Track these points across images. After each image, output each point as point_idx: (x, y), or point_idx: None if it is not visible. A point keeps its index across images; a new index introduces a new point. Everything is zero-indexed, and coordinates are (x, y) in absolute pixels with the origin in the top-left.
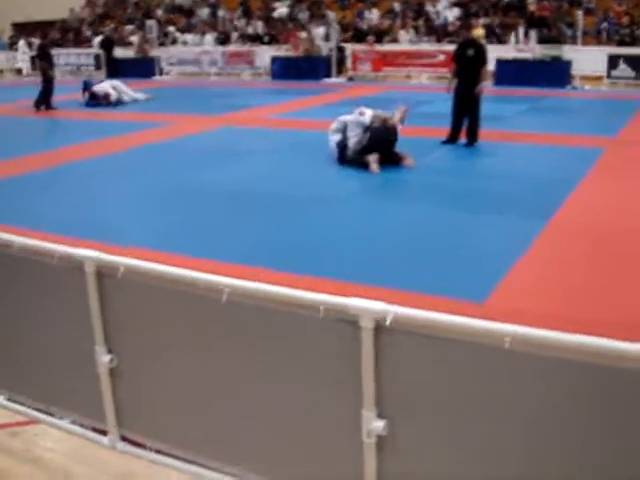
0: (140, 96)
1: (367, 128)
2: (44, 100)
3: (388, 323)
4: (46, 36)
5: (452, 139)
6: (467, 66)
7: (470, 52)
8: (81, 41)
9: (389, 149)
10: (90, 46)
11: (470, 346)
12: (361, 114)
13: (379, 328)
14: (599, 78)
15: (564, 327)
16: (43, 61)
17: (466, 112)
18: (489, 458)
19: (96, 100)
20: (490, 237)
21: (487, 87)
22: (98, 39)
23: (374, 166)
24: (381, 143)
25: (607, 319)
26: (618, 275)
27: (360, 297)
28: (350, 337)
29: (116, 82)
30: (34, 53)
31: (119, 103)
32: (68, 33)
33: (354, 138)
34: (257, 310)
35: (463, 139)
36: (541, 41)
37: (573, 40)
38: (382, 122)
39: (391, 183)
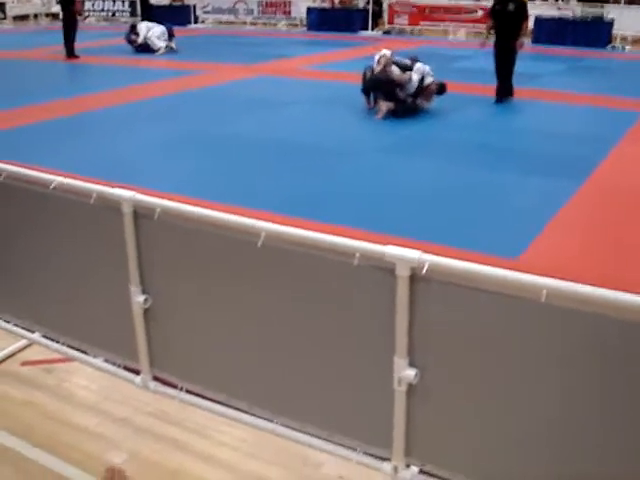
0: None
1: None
2: (67, 46)
3: (424, 272)
4: None
5: (499, 98)
6: (507, 21)
7: (511, 7)
8: None
9: (389, 97)
10: None
11: (505, 298)
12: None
13: (414, 277)
14: None
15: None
16: (66, 6)
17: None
18: (519, 410)
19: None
20: (526, 195)
21: (525, 44)
22: None
23: (379, 114)
24: (370, 87)
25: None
26: None
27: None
28: (385, 285)
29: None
30: None
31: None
32: None
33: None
34: (292, 254)
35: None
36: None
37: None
38: (371, 71)
39: (425, 139)
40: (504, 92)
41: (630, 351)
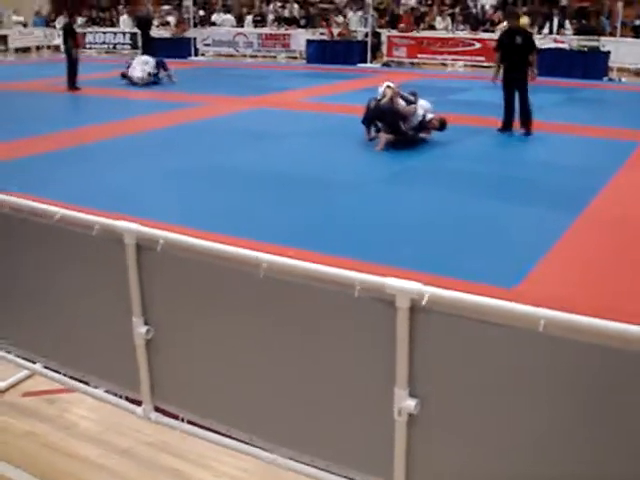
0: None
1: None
2: (70, 79)
3: (424, 303)
4: (72, 15)
5: (507, 127)
6: (515, 54)
7: (518, 40)
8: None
9: (392, 129)
10: (113, 25)
11: (504, 329)
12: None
13: (414, 308)
14: (637, 71)
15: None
16: (68, 40)
17: (515, 100)
18: (519, 441)
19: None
20: (522, 226)
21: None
22: (123, 17)
23: (378, 145)
24: (373, 118)
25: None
26: None
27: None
28: (385, 316)
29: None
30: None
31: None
32: (106, 11)
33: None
34: (293, 286)
35: (517, 129)
36: (579, 32)
37: (612, 32)
38: (377, 101)
39: (423, 169)
40: (527, 127)
41: (628, 380)
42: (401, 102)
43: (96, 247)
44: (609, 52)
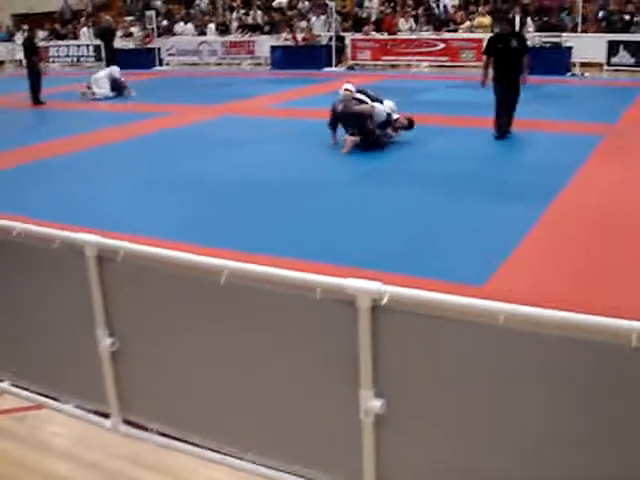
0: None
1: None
2: (34, 94)
3: (384, 303)
4: (32, 29)
5: (505, 131)
6: (512, 57)
7: (514, 43)
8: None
9: (359, 129)
10: (76, 38)
11: (465, 324)
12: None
13: (375, 308)
14: (599, 65)
15: (565, 308)
16: (30, 55)
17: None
18: (485, 435)
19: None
20: (491, 222)
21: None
22: (83, 30)
23: (344, 148)
24: (341, 119)
25: (605, 302)
26: (614, 259)
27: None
28: (347, 317)
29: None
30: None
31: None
32: (68, 25)
33: None
34: (255, 292)
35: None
36: (541, 29)
37: (573, 28)
38: (339, 104)
39: (390, 170)
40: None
41: (591, 370)
42: (356, 103)
43: (59, 260)
44: (571, 47)
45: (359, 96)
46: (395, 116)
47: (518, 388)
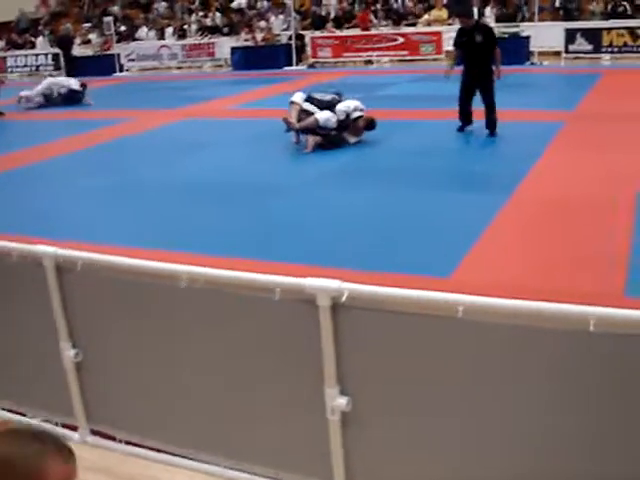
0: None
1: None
2: None
3: (344, 300)
4: None
5: (466, 123)
6: (476, 52)
7: (479, 38)
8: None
9: (313, 133)
10: (34, 47)
11: (424, 318)
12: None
13: (336, 306)
14: (557, 53)
15: (528, 297)
16: None
17: (480, 97)
18: (451, 428)
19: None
20: (453, 214)
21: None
22: (39, 39)
23: (307, 148)
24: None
25: (569, 288)
26: (574, 246)
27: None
28: (308, 316)
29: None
30: None
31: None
32: (25, 34)
33: None
34: (215, 295)
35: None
36: (498, 19)
37: (530, 17)
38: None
39: (350, 168)
40: (492, 127)
41: (549, 358)
42: (304, 116)
43: (17, 273)
44: (529, 37)
45: (306, 106)
46: (356, 114)
47: (480, 379)
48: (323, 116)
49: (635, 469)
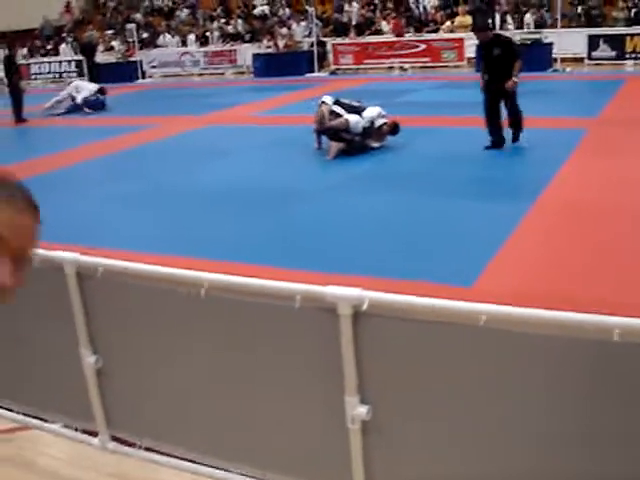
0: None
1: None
2: (16, 112)
3: (365, 308)
4: (13, 47)
5: (498, 144)
6: (495, 65)
7: (496, 51)
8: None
9: (337, 138)
10: (56, 54)
11: (446, 326)
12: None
13: (357, 314)
14: (580, 60)
15: (553, 305)
16: (10, 73)
17: (502, 109)
18: (473, 438)
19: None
20: (477, 221)
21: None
22: (63, 46)
23: (330, 154)
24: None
25: (595, 296)
26: (599, 253)
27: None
28: (329, 325)
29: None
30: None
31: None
32: (49, 41)
33: None
34: (236, 303)
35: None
36: (520, 26)
37: (552, 24)
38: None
39: (372, 174)
40: (519, 126)
41: (573, 368)
42: (333, 116)
43: (38, 279)
44: (552, 43)
45: (335, 108)
46: (380, 121)
47: (504, 389)
48: (353, 119)
49: None
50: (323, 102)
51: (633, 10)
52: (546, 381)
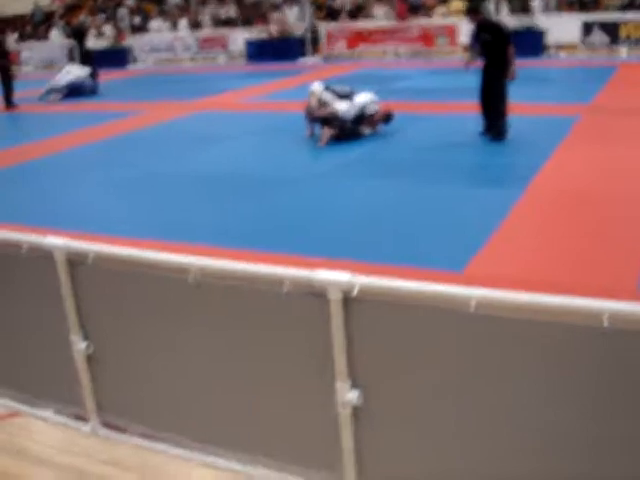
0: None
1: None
2: (6, 97)
3: (355, 294)
4: (3, 31)
5: (486, 129)
6: (486, 50)
7: (486, 36)
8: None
9: (329, 124)
10: (47, 39)
11: (436, 311)
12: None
13: (347, 299)
14: (574, 46)
15: (541, 290)
16: (0, 58)
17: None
18: (463, 422)
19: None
20: (467, 208)
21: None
22: (54, 32)
23: (321, 140)
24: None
25: (584, 281)
26: (589, 239)
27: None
28: (319, 309)
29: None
30: None
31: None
32: (40, 26)
33: None
34: (225, 288)
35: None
36: (513, 11)
37: (546, 8)
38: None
39: (364, 161)
40: (494, 132)
41: (566, 352)
42: (322, 105)
43: (28, 266)
44: (545, 29)
45: (325, 95)
46: (373, 108)
47: (494, 374)
48: (342, 107)
49: None
50: (312, 91)
51: None
52: (536, 366)
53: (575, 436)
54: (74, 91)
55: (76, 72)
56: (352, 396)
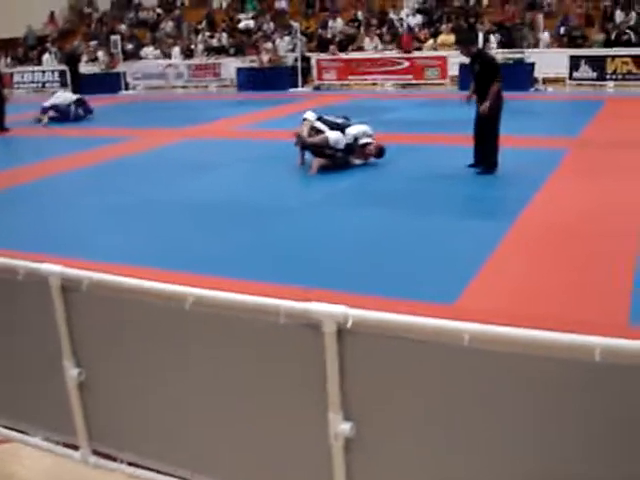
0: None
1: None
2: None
3: (350, 326)
4: None
5: (476, 162)
6: (476, 82)
7: (476, 67)
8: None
9: (320, 154)
10: (39, 64)
11: (430, 345)
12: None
13: (341, 331)
14: (561, 80)
15: (531, 324)
16: None
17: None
18: (457, 456)
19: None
20: (457, 240)
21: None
22: (46, 57)
23: (312, 169)
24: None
25: (573, 316)
26: (579, 273)
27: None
28: (313, 341)
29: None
30: None
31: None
32: (33, 50)
33: None
34: (220, 318)
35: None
36: (503, 45)
37: (535, 44)
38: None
39: (354, 191)
40: (485, 164)
41: (555, 388)
42: (315, 133)
43: (23, 291)
44: (534, 63)
45: (317, 125)
46: (365, 140)
47: (487, 408)
48: (333, 136)
49: None
50: (305, 119)
51: (614, 32)
52: (529, 401)
53: (567, 471)
54: (61, 115)
55: (64, 96)
56: (345, 428)
